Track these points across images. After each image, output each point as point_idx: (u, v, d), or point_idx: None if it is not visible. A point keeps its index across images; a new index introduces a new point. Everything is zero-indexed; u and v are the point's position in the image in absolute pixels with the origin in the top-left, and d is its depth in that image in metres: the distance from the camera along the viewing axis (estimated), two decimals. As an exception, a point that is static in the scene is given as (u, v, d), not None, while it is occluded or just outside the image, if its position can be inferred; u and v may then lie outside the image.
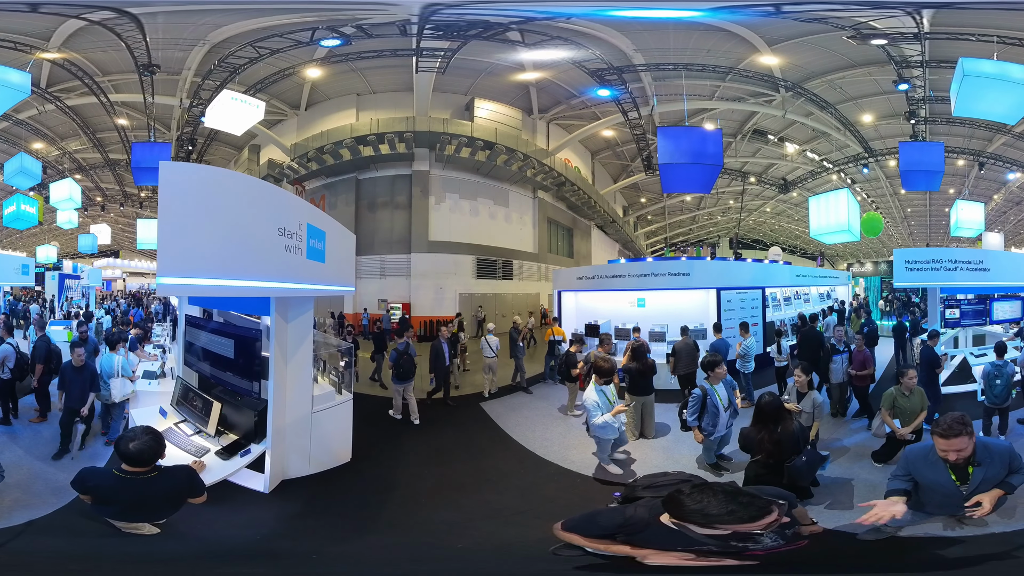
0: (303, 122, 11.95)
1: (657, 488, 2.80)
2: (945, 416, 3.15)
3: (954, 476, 3.21)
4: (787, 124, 12.20)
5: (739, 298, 9.97)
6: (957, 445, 3.06)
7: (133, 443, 3.27)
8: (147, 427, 3.53)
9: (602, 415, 5.55)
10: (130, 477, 3.29)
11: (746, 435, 4.75)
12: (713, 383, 5.70)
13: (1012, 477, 3.23)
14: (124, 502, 3.34)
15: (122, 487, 3.29)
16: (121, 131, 11.32)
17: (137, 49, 9.10)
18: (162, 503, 3.49)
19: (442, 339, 8.48)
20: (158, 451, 3.37)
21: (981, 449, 3.17)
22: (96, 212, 13.66)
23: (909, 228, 15.12)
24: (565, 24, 8.74)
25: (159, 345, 9.19)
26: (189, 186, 3.88)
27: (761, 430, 4.56)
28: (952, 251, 9.21)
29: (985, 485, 3.17)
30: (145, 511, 3.46)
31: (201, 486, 3.72)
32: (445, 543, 4.32)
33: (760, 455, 4.50)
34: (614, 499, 2.80)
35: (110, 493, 3.33)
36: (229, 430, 5.39)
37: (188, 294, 5.61)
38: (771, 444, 4.46)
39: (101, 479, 3.45)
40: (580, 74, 10.36)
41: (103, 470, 3.61)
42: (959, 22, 8.42)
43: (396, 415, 7.67)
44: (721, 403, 5.66)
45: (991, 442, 3.30)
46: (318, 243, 5.48)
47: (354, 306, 11.87)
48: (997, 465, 3.21)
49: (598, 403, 5.57)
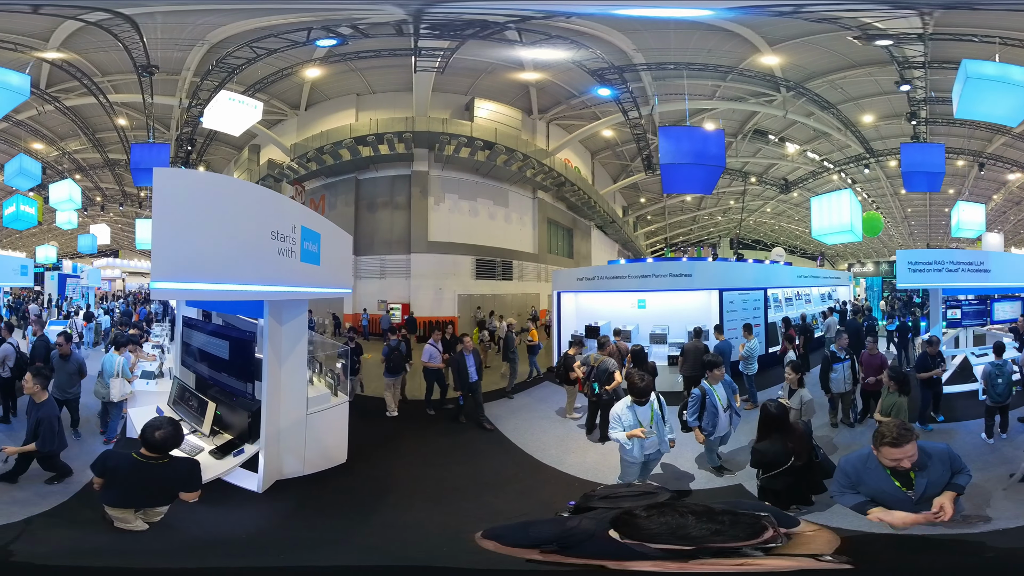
0: (303, 122, 11.94)
1: (615, 499, 2.65)
2: (886, 426, 3.11)
3: (898, 482, 3.19)
4: (788, 124, 12.15)
5: (741, 299, 9.93)
6: (910, 451, 3.03)
7: (159, 431, 3.66)
8: (171, 419, 3.96)
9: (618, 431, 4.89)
10: (145, 461, 3.68)
11: (765, 450, 4.44)
12: (712, 383, 5.73)
13: (958, 478, 3.24)
14: (134, 484, 3.73)
15: (136, 469, 3.68)
16: (120, 131, 11.33)
17: (135, 50, 9.11)
18: (165, 490, 3.85)
19: (466, 352, 7.55)
20: (178, 442, 3.79)
21: (921, 454, 3.13)
22: (96, 212, 13.68)
23: (909, 228, 15.05)
24: (564, 23, 8.70)
25: (158, 345, 9.21)
26: (182, 192, 3.95)
27: (782, 438, 4.44)
28: (954, 252, 9.18)
29: (932, 488, 3.16)
30: (149, 495, 3.84)
31: (198, 482, 3.97)
32: (437, 545, 4.32)
33: (791, 461, 4.35)
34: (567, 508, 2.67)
35: (125, 475, 3.72)
36: (224, 430, 5.45)
37: (181, 299, 5.69)
38: (799, 446, 4.40)
39: (120, 460, 3.82)
40: (580, 74, 10.33)
41: (124, 453, 3.89)
42: (962, 23, 8.36)
43: (391, 413, 7.88)
44: (720, 403, 5.69)
45: (928, 445, 3.26)
46: (312, 245, 5.48)
47: (353, 307, 11.87)
48: (939, 468, 3.21)
49: (620, 418, 4.87)
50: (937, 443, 3.37)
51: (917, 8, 8.11)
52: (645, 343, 9.18)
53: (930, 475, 3.19)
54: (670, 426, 5.17)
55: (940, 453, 3.27)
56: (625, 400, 4.97)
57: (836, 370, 7.10)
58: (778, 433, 4.45)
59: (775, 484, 4.40)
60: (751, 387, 8.06)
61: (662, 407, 5.12)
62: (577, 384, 7.59)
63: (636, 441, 4.84)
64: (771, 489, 4.46)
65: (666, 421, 5.13)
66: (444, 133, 11.25)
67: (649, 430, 4.88)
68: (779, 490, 4.42)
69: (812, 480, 4.46)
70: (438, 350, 7.97)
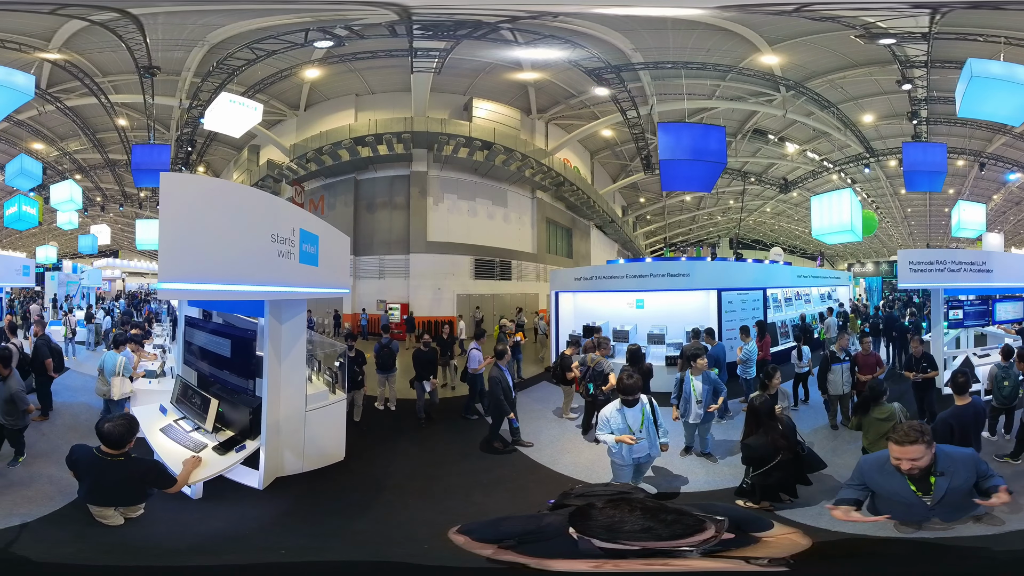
0: (302, 122, 11.97)
1: (590, 498, 2.67)
2: (904, 423, 3.10)
3: (913, 486, 3.10)
4: (788, 124, 12.14)
5: (740, 299, 9.92)
6: (911, 453, 2.94)
7: (108, 424, 3.68)
8: (127, 414, 4.07)
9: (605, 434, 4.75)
10: (103, 457, 3.69)
11: (753, 445, 4.54)
12: (693, 374, 6.11)
13: (989, 481, 3.12)
14: (93, 480, 3.75)
15: (94, 465, 3.70)
16: (121, 132, 11.38)
17: (138, 51, 9.15)
18: (124, 488, 3.85)
19: (502, 365, 6.78)
20: (127, 436, 3.75)
21: (943, 458, 3.05)
22: (96, 213, 13.73)
23: (909, 228, 15.03)
24: (560, 23, 8.70)
25: (159, 345, 9.26)
26: (188, 196, 4.11)
27: (768, 432, 4.52)
28: (956, 252, 9.15)
29: (952, 495, 3.07)
30: (107, 493, 3.84)
31: (168, 479, 4.04)
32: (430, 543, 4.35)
33: (778, 455, 4.43)
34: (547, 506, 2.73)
35: (86, 469, 3.74)
36: (226, 426, 5.57)
37: (186, 298, 5.79)
38: (784, 439, 4.49)
39: (83, 454, 3.85)
40: (578, 73, 10.34)
41: (88, 447, 3.91)
42: (965, 23, 8.35)
43: (380, 406, 8.10)
44: (695, 394, 6.02)
45: (953, 451, 3.16)
46: (311, 247, 5.57)
47: (352, 306, 11.90)
48: (963, 474, 3.09)
49: (608, 421, 4.71)
50: (963, 448, 3.28)
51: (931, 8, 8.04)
52: (643, 343, 9.18)
53: (952, 480, 3.06)
54: (664, 429, 5.00)
55: (965, 458, 3.15)
56: (615, 402, 4.80)
57: (835, 371, 7.01)
58: (764, 426, 4.55)
59: (767, 480, 4.47)
60: (749, 391, 7.85)
61: (654, 410, 4.95)
62: (574, 384, 7.61)
63: (609, 439, 4.68)
64: (762, 485, 4.52)
65: (659, 424, 4.93)
66: (443, 133, 11.28)
67: (639, 433, 4.71)
68: (770, 485, 4.49)
69: (799, 473, 4.58)
70: (481, 353, 7.91)
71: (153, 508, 4.30)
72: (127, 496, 3.91)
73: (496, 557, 2.32)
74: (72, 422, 7.00)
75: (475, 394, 7.93)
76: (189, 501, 4.84)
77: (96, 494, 3.81)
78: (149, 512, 4.28)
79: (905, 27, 8.55)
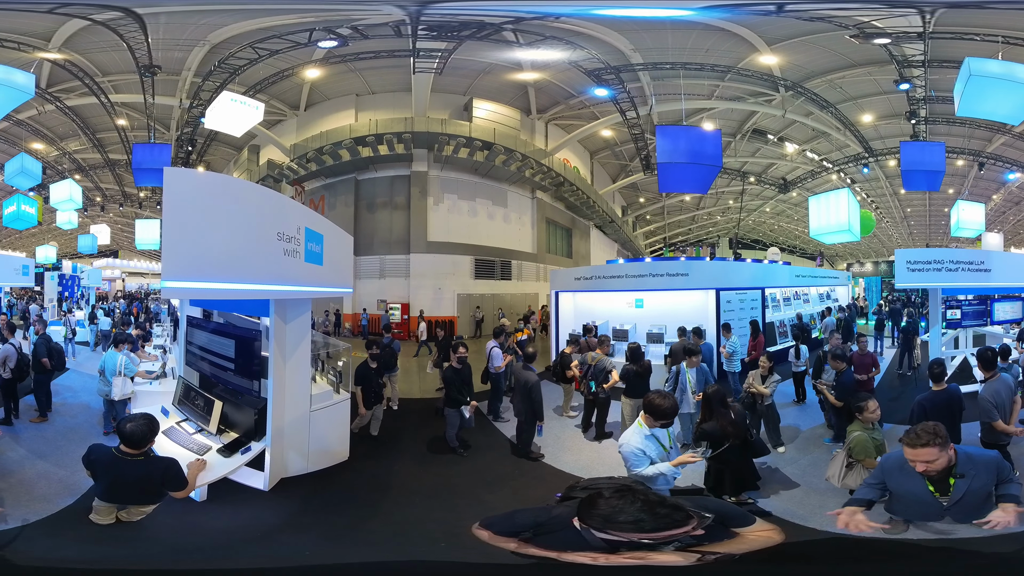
0: (302, 122, 11.97)
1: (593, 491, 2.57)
2: (918, 424, 3.03)
3: (932, 487, 3.07)
4: (787, 124, 12.20)
5: (739, 299, 9.95)
6: (924, 456, 2.91)
7: (130, 424, 3.67)
8: (147, 414, 3.92)
9: (651, 465, 3.80)
10: (122, 457, 3.68)
11: (705, 430, 4.69)
12: (688, 367, 6.57)
13: (1004, 487, 3.05)
14: (114, 479, 3.73)
15: (113, 464, 3.69)
16: (121, 131, 11.35)
17: (139, 50, 9.13)
18: (142, 488, 3.81)
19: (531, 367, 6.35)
20: (149, 435, 3.74)
21: (964, 460, 3.01)
22: (96, 212, 13.70)
23: (909, 228, 15.10)
24: (560, 24, 8.73)
25: (159, 346, 9.23)
26: (192, 192, 3.96)
27: (719, 419, 4.73)
28: (954, 252, 9.15)
29: (971, 497, 3.01)
30: (125, 493, 3.80)
31: (181, 481, 3.96)
32: (437, 541, 4.36)
33: (727, 441, 4.65)
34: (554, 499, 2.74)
35: (104, 468, 3.73)
36: (230, 428, 5.46)
37: (191, 297, 5.68)
38: (732, 426, 4.69)
39: (102, 454, 3.81)
40: (578, 74, 10.36)
41: (107, 447, 3.87)
42: (963, 22, 8.40)
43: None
44: (690, 386, 6.45)
45: (975, 452, 3.11)
46: (316, 246, 5.53)
47: (353, 306, 11.90)
48: (983, 476, 3.03)
49: (644, 452, 3.79)
50: (986, 450, 3.24)
51: (915, 7, 8.11)
52: (643, 342, 9.21)
53: (972, 483, 3.01)
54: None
55: (987, 460, 3.09)
56: (634, 429, 3.91)
57: (828, 371, 6.89)
58: (715, 413, 4.78)
59: (718, 463, 4.73)
60: (735, 384, 8.06)
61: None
62: (574, 382, 7.64)
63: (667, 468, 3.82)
64: (716, 470, 4.81)
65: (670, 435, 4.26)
66: (443, 133, 11.29)
67: (671, 445, 4.00)
68: (722, 470, 4.74)
69: (747, 459, 4.88)
70: (501, 351, 7.54)
71: (157, 510, 4.26)
72: (144, 496, 3.88)
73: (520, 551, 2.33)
74: (71, 422, 6.95)
75: (499, 394, 7.59)
76: (194, 504, 4.81)
77: (113, 493, 3.79)
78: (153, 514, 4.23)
79: (899, 27, 8.59)
